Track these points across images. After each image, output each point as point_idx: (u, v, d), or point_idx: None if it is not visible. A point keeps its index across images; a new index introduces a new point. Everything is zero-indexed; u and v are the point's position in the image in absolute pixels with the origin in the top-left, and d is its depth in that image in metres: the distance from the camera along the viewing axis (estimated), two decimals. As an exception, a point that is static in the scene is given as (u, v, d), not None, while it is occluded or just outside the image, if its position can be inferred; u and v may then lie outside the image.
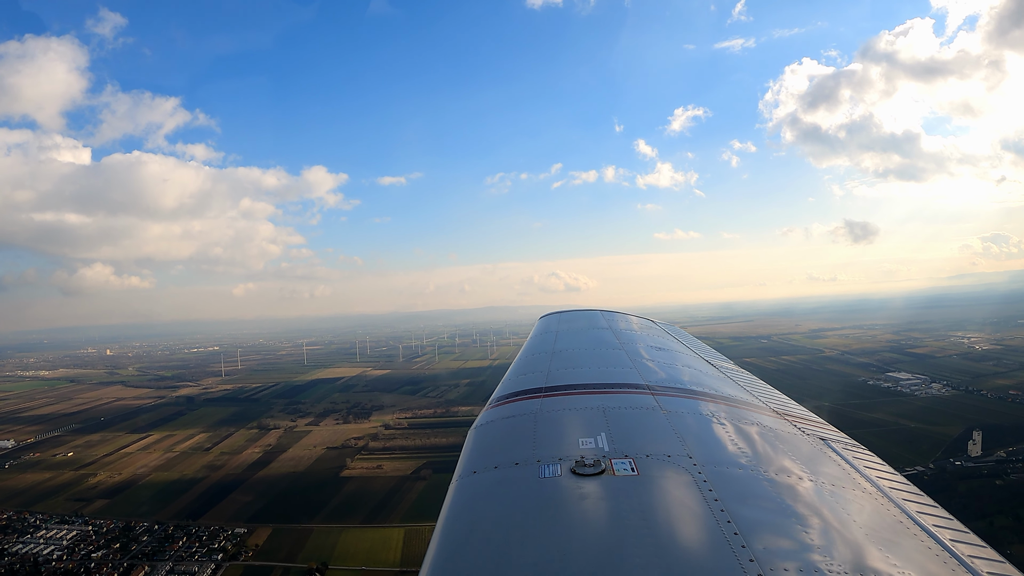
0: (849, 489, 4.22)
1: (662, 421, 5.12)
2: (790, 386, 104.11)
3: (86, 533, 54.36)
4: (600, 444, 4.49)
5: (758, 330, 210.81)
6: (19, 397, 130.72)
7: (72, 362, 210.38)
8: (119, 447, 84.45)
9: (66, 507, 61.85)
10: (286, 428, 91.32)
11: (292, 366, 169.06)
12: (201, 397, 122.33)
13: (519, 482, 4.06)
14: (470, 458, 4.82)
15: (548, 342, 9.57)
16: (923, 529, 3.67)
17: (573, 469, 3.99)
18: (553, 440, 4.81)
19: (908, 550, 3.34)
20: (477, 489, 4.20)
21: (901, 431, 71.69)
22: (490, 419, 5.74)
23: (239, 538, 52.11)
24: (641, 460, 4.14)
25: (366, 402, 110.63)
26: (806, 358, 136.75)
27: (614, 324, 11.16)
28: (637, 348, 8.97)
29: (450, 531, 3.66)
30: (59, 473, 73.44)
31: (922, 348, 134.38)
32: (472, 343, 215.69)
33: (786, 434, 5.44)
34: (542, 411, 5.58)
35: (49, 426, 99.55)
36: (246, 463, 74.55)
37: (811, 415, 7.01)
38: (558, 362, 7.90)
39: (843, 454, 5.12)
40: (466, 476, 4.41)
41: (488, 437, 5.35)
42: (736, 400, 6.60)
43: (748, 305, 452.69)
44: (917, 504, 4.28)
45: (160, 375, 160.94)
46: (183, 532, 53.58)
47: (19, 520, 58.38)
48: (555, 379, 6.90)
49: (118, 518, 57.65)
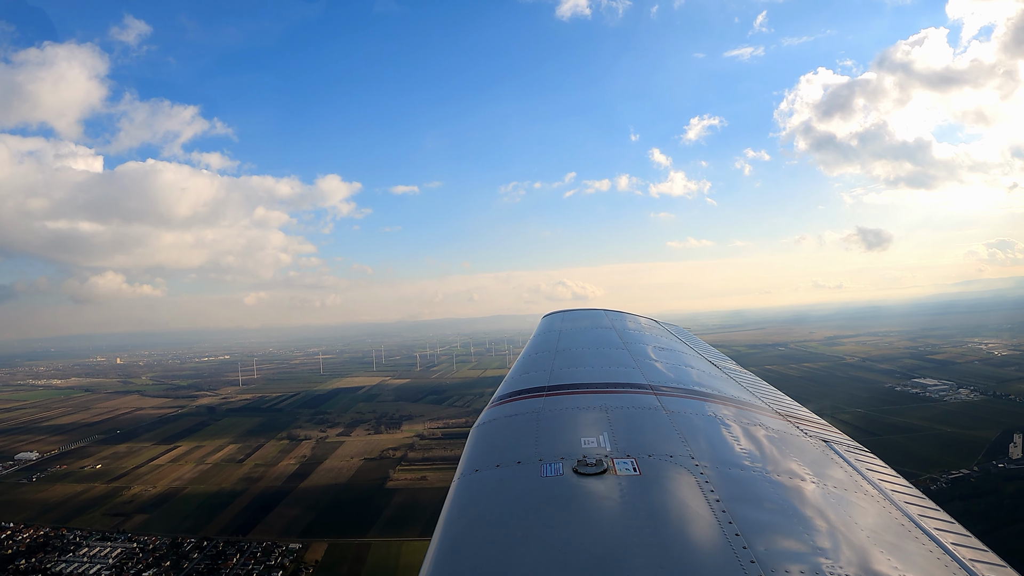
0: (852, 491, 4.21)
1: (665, 421, 5.09)
2: (818, 393, 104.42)
3: (131, 550, 51.82)
4: (602, 443, 4.45)
5: (772, 338, 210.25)
6: (35, 406, 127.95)
7: (83, 371, 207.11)
8: (148, 459, 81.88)
9: (104, 522, 59.27)
10: (317, 439, 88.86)
11: (309, 375, 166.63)
12: (222, 407, 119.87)
13: (521, 481, 4.03)
14: (472, 456, 4.76)
15: (551, 341, 9.49)
16: (925, 532, 3.66)
17: (575, 468, 3.96)
18: (555, 439, 4.76)
19: (910, 553, 3.33)
20: (479, 487, 4.16)
21: (938, 435, 71.91)
22: (493, 417, 5.68)
23: (295, 554, 49.67)
24: (643, 460, 4.10)
25: (393, 412, 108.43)
26: (828, 365, 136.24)
27: (618, 324, 11.05)
28: (640, 348, 8.91)
29: (452, 529, 3.61)
30: (90, 486, 70.86)
31: (942, 354, 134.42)
32: (487, 351, 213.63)
33: (789, 436, 5.42)
34: (545, 410, 5.53)
35: (71, 437, 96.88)
36: (284, 475, 72.12)
37: (814, 417, 6.90)
38: (561, 361, 7.83)
39: (846, 456, 5.09)
40: (468, 474, 4.36)
41: (490, 435, 5.29)
42: (739, 401, 6.56)
43: (757, 313, 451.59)
44: (919, 507, 4.20)
45: (176, 384, 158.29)
46: (234, 548, 51.07)
47: (57, 537, 55.76)
48: (558, 378, 6.83)
49: (162, 534, 55.21)
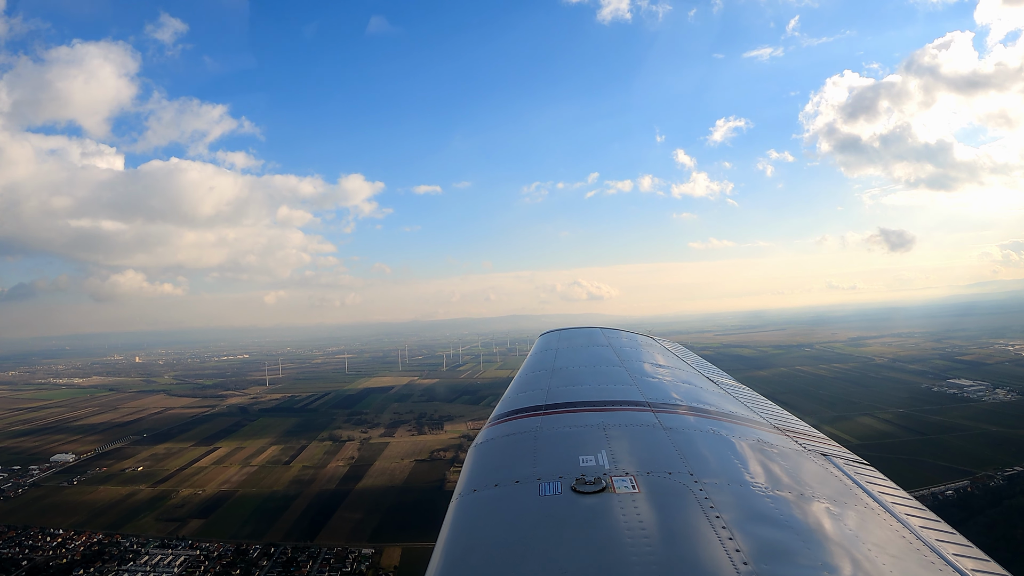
0: (852, 505, 4.19)
1: (663, 438, 5.05)
2: (856, 394, 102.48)
3: (195, 558, 48.98)
4: (601, 462, 4.43)
5: (795, 339, 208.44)
6: (61, 406, 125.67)
7: (103, 369, 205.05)
8: (190, 460, 79.20)
9: (159, 528, 56.43)
10: (360, 440, 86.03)
11: (334, 375, 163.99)
12: (254, 407, 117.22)
13: (520, 500, 4.01)
14: (470, 476, 4.76)
15: (548, 360, 9.49)
16: (927, 544, 3.64)
17: (574, 487, 3.94)
18: (553, 458, 4.74)
19: (911, 566, 3.32)
20: (478, 507, 4.13)
21: (985, 434, 71.13)
22: (490, 437, 5.67)
23: (369, 559, 46.81)
24: (642, 477, 4.08)
25: (431, 412, 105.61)
26: (858, 366, 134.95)
27: (614, 341, 11.07)
28: (637, 365, 8.88)
29: (451, 549, 3.59)
30: (136, 489, 68.16)
31: (969, 355, 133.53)
32: (509, 351, 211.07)
33: (787, 450, 5.39)
34: (542, 429, 5.51)
35: (105, 437, 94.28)
36: (336, 477, 69.29)
37: (812, 431, 6.74)
38: (558, 380, 7.80)
39: (845, 470, 5.08)
40: (467, 494, 4.34)
41: (488, 455, 5.27)
42: (737, 416, 6.48)
43: (775, 313, 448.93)
44: (920, 519, 4.19)
45: (200, 383, 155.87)
46: (305, 554, 48.25)
47: (112, 544, 53.03)
48: (555, 397, 6.80)
49: (224, 540, 52.44)
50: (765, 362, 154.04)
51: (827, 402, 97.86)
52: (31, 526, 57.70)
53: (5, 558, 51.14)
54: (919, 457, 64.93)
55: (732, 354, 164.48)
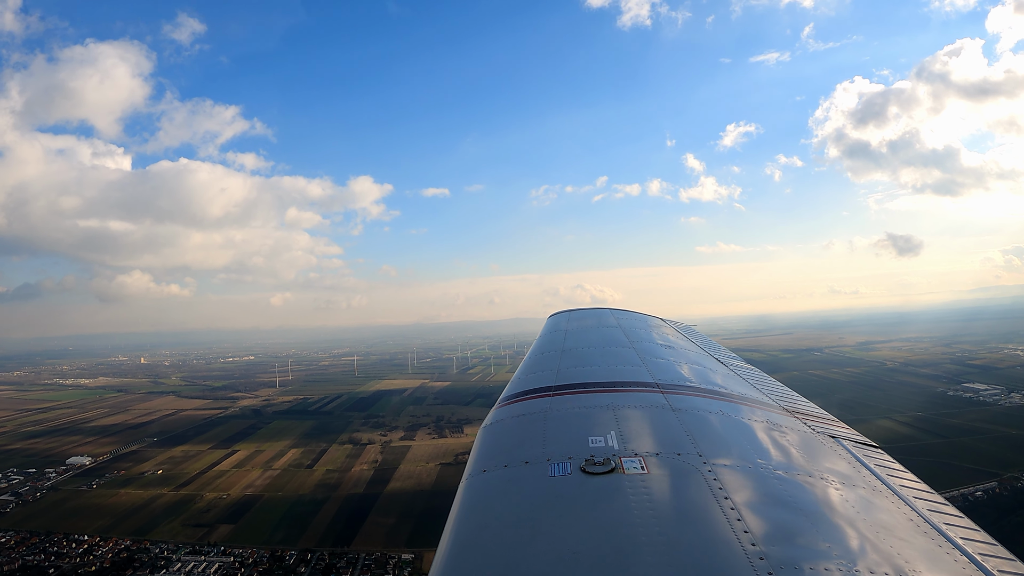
0: (860, 488, 4.17)
1: (672, 419, 5.03)
2: (872, 397, 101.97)
3: (229, 565, 47.78)
4: (610, 442, 4.43)
5: (804, 343, 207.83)
6: (70, 407, 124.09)
7: (110, 370, 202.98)
8: (209, 464, 77.92)
9: (188, 534, 55.19)
10: (381, 443, 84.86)
11: (344, 377, 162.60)
12: (267, 409, 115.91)
13: (529, 480, 4.02)
14: (480, 457, 4.77)
15: (557, 341, 9.43)
16: (935, 528, 3.65)
17: (583, 467, 3.95)
18: (563, 438, 4.72)
19: (919, 548, 3.33)
20: (487, 488, 4.14)
21: (1005, 437, 71.30)
22: (500, 418, 5.65)
23: (410, 565, 45.74)
24: (651, 458, 4.09)
25: (448, 415, 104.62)
26: (870, 370, 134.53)
27: (624, 322, 10.96)
28: (646, 346, 8.78)
29: (460, 530, 3.61)
30: (158, 493, 66.88)
31: (980, 360, 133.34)
32: (517, 353, 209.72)
33: (796, 431, 5.35)
34: (552, 410, 5.48)
35: (119, 439, 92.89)
36: (362, 480, 68.16)
37: (821, 412, 6.70)
38: (567, 361, 7.76)
39: (854, 451, 5.06)
40: (476, 475, 4.35)
41: (498, 436, 5.24)
42: (746, 398, 6.45)
43: (781, 318, 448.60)
44: (928, 502, 4.18)
45: (209, 385, 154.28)
46: (343, 560, 47.15)
47: (141, 551, 51.77)
48: (565, 378, 6.74)
49: (257, 545, 51.27)
50: (776, 366, 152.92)
51: (845, 406, 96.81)
52: (54, 532, 56.37)
53: (31, 566, 49.81)
54: (945, 460, 64.51)
55: (742, 358, 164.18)
